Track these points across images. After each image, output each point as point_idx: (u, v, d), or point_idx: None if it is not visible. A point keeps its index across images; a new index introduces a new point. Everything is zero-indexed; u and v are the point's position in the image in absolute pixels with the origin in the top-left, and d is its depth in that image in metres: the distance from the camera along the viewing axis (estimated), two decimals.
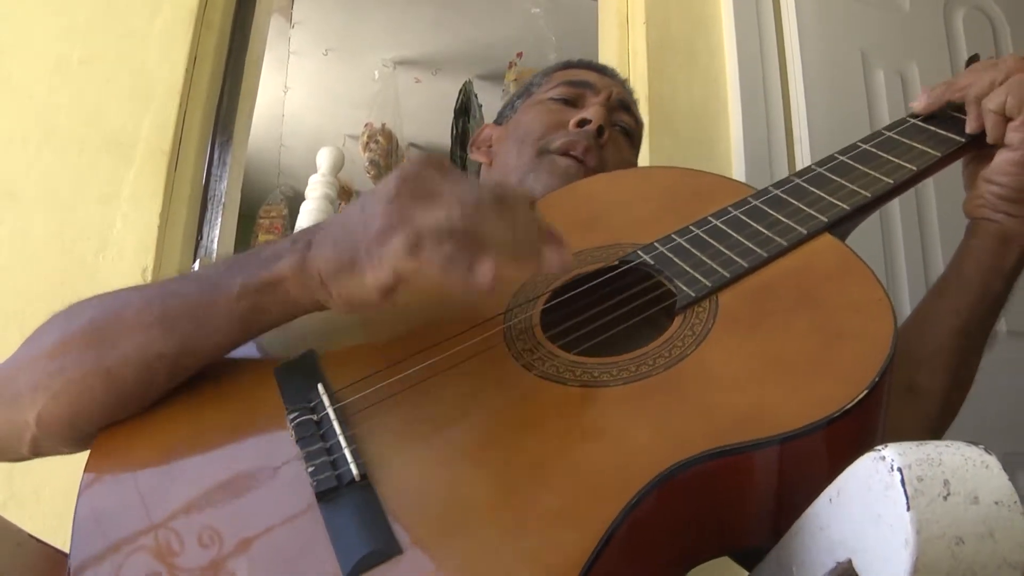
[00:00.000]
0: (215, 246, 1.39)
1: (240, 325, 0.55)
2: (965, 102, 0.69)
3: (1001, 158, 0.67)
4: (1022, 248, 0.68)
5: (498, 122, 1.03)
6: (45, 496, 1.09)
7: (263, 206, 3.59)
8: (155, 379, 0.54)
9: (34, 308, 1.20)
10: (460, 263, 0.48)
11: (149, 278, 1.24)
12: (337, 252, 0.52)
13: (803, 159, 1.51)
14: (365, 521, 0.44)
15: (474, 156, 1.04)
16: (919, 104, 0.72)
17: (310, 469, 0.47)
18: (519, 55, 2.82)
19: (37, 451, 0.56)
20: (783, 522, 0.46)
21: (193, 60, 1.41)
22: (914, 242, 1.52)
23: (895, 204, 1.52)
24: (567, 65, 1.02)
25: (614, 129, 0.93)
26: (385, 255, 0.49)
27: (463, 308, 0.60)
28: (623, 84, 1.02)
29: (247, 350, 0.58)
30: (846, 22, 1.65)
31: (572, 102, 0.93)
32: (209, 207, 1.41)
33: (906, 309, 1.44)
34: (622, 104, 0.96)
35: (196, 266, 1.34)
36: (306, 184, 1.47)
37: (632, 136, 0.96)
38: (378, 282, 0.49)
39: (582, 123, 0.89)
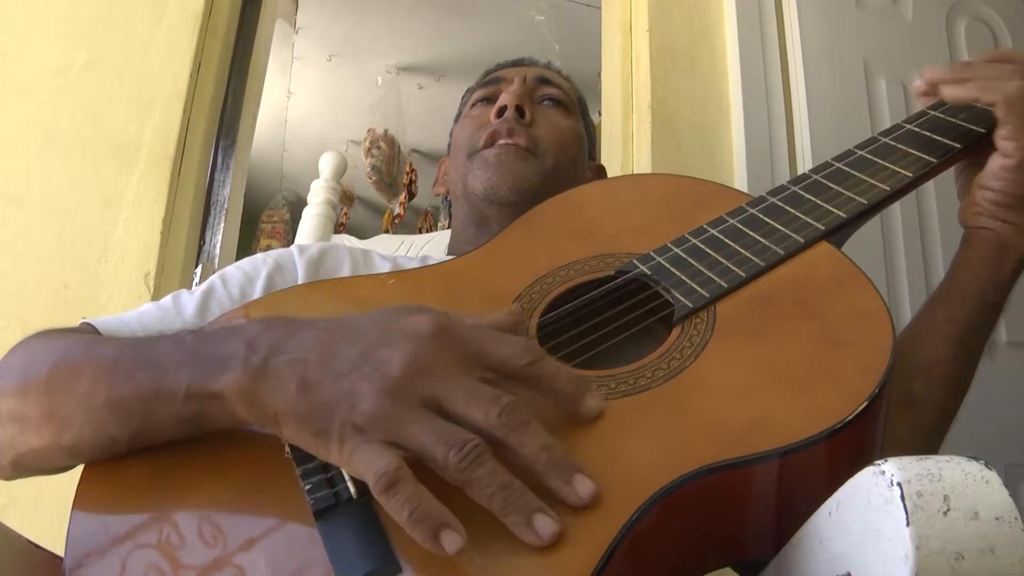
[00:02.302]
0: (217, 251, 1.39)
1: (189, 426, 0.49)
2: (979, 102, 0.67)
3: (995, 163, 0.67)
4: (1019, 257, 0.68)
5: (448, 154, 1.04)
6: (44, 501, 1.09)
7: (265, 211, 3.60)
8: (117, 451, 0.51)
9: (36, 312, 1.21)
10: (429, 525, 0.41)
11: (151, 283, 1.24)
12: (304, 407, 0.44)
13: (805, 167, 1.50)
14: (364, 539, 0.43)
15: (436, 191, 1.05)
16: (935, 74, 0.69)
17: (307, 487, 0.46)
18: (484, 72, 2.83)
19: (13, 479, 0.57)
20: (784, 534, 0.46)
21: (197, 65, 1.41)
22: (915, 250, 1.52)
23: (896, 211, 1.52)
24: (483, 75, 1.04)
25: (543, 104, 0.94)
26: (356, 461, 0.42)
27: None
28: (543, 66, 1.03)
29: None
30: (849, 31, 1.65)
31: (492, 100, 0.94)
32: (212, 212, 1.42)
33: (907, 318, 1.43)
34: (541, 80, 0.96)
35: (198, 271, 1.34)
36: (308, 189, 1.47)
37: (565, 105, 0.96)
38: (340, 465, 0.44)
39: (500, 112, 0.90)
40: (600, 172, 1.04)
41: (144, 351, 0.53)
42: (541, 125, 0.90)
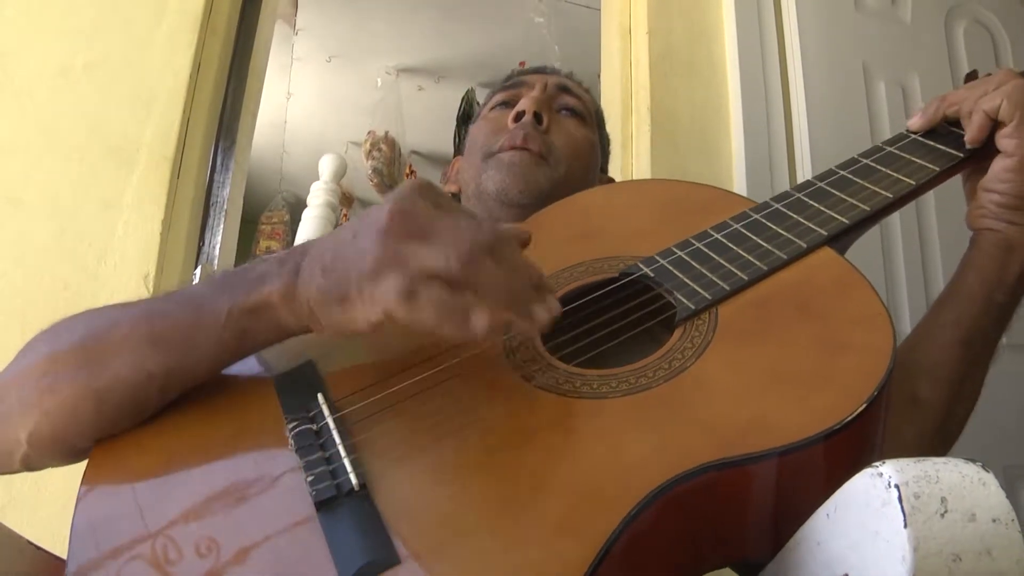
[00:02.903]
0: (217, 252, 1.39)
1: (229, 348, 0.54)
2: (960, 116, 0.69)
3: (998, 165, 0.67)
4: None
5: (459, 152, 1.05)
6: (44, 501, 1.09)
7: (265, 212, 3.59)
8: (146, 398, 0.54)
9: (36, 314, 1.20)
10: (455, 312, 0.47)
11: (151, 285, 1.24)
12: (327, 282, 0.50)
13: (804, 170, 1.51)
14: (364, 531, 0.44)
15: (447, 188, 1.06)
16: (915, 122, 0.73)
17: (309, 478, 0.47)
18: (521, 64, 2.83)
19: (29, 466, 0.56)
20: (782, 534, 0.46)
21: (197, 66, 1.41)
22: (914, 256, 1.52)
23: (896, 218, 1.52)
24: (506, 78, 1.05)
25: (560, 113, 0.94)
26: (377, 296, 0.48)
27: None
28: (564, 75, 1.04)
29: (246, 359, 0.58)
30: (848, 34, 1.65)
31: (511, 104, 0.95)
32: (211, 213, 1.42)
33: (906, 323, 1.44)
34: (562, 88, 0.97)
35: (198, 272, 1.34)
36: (308, 191, 1.47)
37: (582, 115, 0.97)
38: (369, 320, 0.49)
39: (518, 117, 0.91)
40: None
41: (177, 294, 0.58)
42: (557, 133, 0.91)
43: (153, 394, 0.54)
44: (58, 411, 0.53)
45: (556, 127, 0.92)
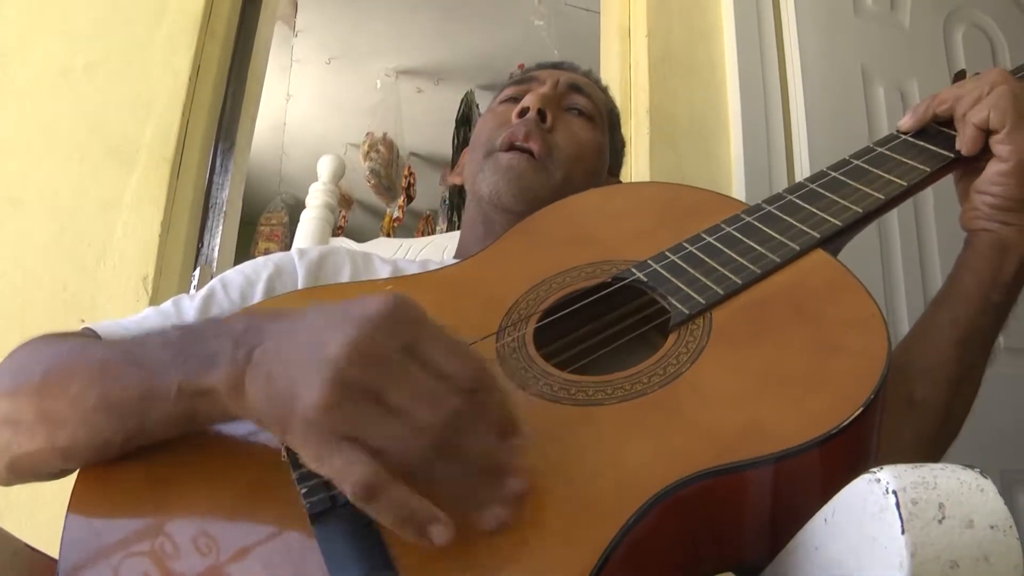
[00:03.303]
0: (216, 253, 1.39)
1: (180, 424, 0.50)
2: (954, 119, 0.70)
3: (991, 169, 0.67)
4: (1020, 257, 0.68)
5: (460, 152, 1.04)
6: (41, 505, 1.08)
7: (264, 213, 3.60)
8: (111, 454, 0.51)
9: (35, 313, 1.21)
10: (414, 521, 0.41)
11: (150, 286, 1.24)
12: (267, 397, 0.44)
13: (802, 172, 1.51)
14: (360, 542, 0.43)
15: (452, 180, 1.04)
16: (906, 122, 0.73)
17: (303, 490, 0.46)
18: (520, 66, 2.83)
19: (10, 484, 0.57)
20: (780, 538, 0.46)
21: (196, 68, 1.41)
22: (912, 257, 1.52)
23: (893, 219, 1.52)
24: (523, 72, 1.02)
25: (569, 113, 0.92)
26: (332, 471, 0.42)
27: (455, 328, 0.60)
28: (581, 72, 1.01)
29: None
30: (847, 38, 1.65)
31: (518, 100, 0.93)
32: (210, 215, 1.42)
33: (904, 324, 1.44)
34: (573, 87, 0.95)
35: (196, 274, 1.34)
36: (307, 192, 1.47)
37: (591, 116, 0.94)
38: (309, 459, 0.43)
39: (523, 113, 0.89)
40: None
41: (133, 351, 0.53)
42: (561, 133, 0.89)
43: (115, 452, 0.51)
44: (28, 458, 0.53)
45: (562, 126, 0.90)
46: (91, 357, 0.55)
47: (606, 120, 0.98)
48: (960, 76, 0.75)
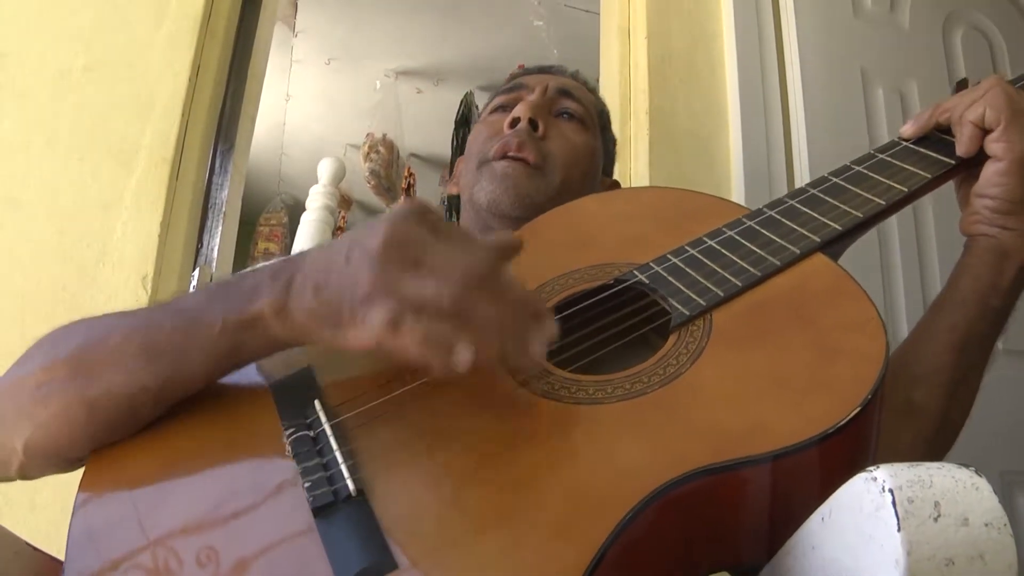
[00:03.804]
0: (215, 254, 1.39)
1: (222, 360, 0.54)
2: (951, 124, 0.70)
3: (989, 170, 0.68)
4: (1020, 262, 0.68)
5: (460, 154, 1.04)
6: (41, 503, 1.09)
7: (263, 214, 3.60)
8: (139, 409, 0.53)
9: (34, 315, 1.21)
10: (440, 345, 0.47)
11: (149, 286, 1.25)
12: (318, 303, 0.50)
13: (802, 175, 1.51)
14: (361, 537, 0.44)
15: (449, 190, 1.04)
16: (907, 129, 0.73)
17: (307, 485, 0.47)
18: (520, 67, 2.83)
19: (24, 475, 0.56)
20: (777, 539, 0.46)
21: (196, 68, 1.42)
22: (912, 262, 1.52)
23: (893, 224, 1.52)
24: (509, 78, 1.02)
25: (559, 118, 0.92)
26: (367, 323, 0.48)
27: None
28: (569, 74, 1.01)
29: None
30: (846, 40, 1.66)
31: (509, 108, 0.93)
32: (210, 215, 1.42)
33: (903, 329, 1.44)
34: (562, 92, 0.95)
35: (196, 274, 1.34)
36: (307, 193, 1.47)
37: (582, 120, 0.94)
38: (359, 343, 0.49)
39: (514, 123, 0.89)
40: (613, 188, 1.03)
41: (171, 304, 0.58)
42: (554, 139, 0.89)
43: (146, 405, 0.53)
44: (52, 421, 0.53)
45: (554, 132, 0.90)
46: (131, 315, 0.58)
47: (596, 121, 0.98)
48: (962, 85, 0.76)
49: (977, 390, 0.70)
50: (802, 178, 1.51)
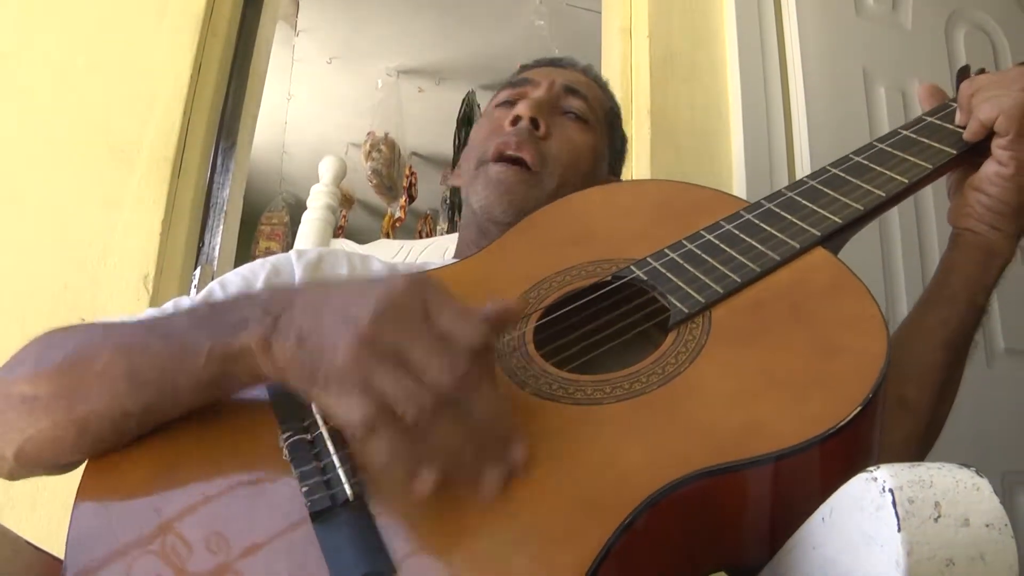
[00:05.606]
0: (216, 253, 1.39)
1: (207, 389, 0.53)
2: (959, 105, 0.70)
3: (990, 169, 0.67)
4: (1004, 263, 0.69)
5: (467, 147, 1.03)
6: (41, 502, 1.09)
7: (265, 213, 3.59)
8: (124, 431, 0.53)
9: (35, 313, 1.21)
10: (401, 463, 0.45)
11: (150, 285, 1.25)
12: (299, 352, 0.48)
13: (803, 173, 1.50)
14: (359, 541, 0.44)
15: (453, 182, 1.03)
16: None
17: (304, 489, 0.47)
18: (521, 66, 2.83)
19: (14, 478, 0.57)
20: (778, 538, 0.46)
21: (198, 67, 1.42)
22: (912, 256, 1.52)
23: (894, 218, 1.52)
24: (521, 70, 1.00)
25: (563, 117, 0.91)
26: (340, 408, 0.46)
27: None
28: (579, 70, 0.99)
29: None
30: (848, 39, 1.65)
31: (513, 104, 0.91)
32: (211, 214, 1.42)
33: None
34: (568, 89, 0.93)
35: (197, 273, 1.34)
36: (308, 192, 1.47)
37: (587, 119, 0.92)
38: (332, 419, 0.48)
39: (515, 121, 0.87)
40: None
41: (160, 325, 0.57)
42: (555, 140, 0.88)
43: (131, 427, 0.53)
44: (40, 437, 0.53)
45: (556, 132, 0.89)
46: (118, 333, 0.57)
47: (603, 121, 0.96)
48: (963, 73, 0.75)
49: (959, 386, 0.70)
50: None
